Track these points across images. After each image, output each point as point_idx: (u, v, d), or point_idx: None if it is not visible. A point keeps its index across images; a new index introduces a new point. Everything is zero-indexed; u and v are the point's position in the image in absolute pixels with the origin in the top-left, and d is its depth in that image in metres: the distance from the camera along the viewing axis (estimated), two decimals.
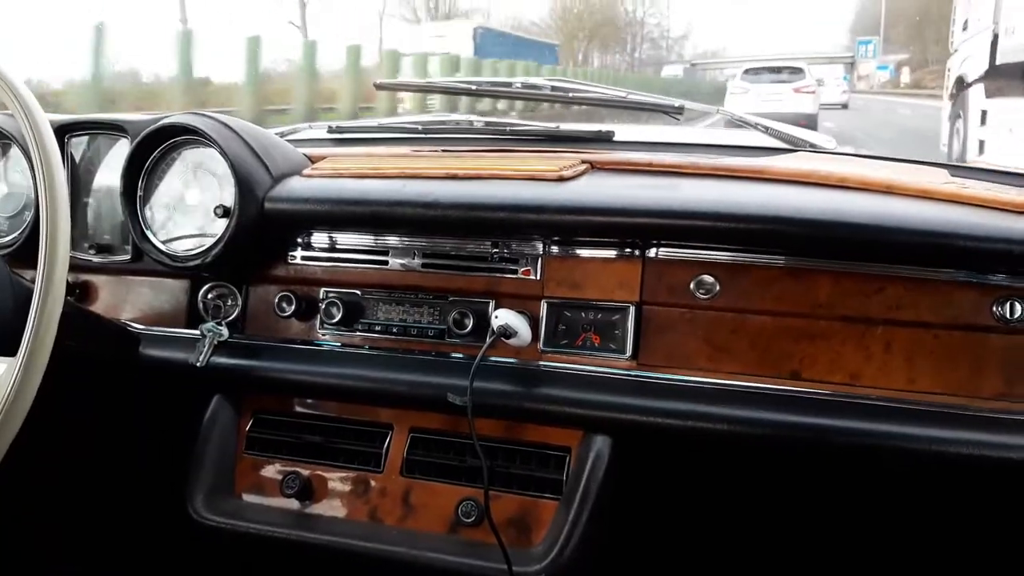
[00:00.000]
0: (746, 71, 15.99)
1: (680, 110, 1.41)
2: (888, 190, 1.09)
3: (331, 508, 1.18)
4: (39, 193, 0.90)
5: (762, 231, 1.02)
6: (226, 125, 1.20)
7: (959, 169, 1.24)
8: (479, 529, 1.10)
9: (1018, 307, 0.99)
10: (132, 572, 1.46)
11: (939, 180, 1.14)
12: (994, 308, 1.00)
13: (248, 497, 1.22)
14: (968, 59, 7.28)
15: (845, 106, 26.37)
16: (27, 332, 0.86)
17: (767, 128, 1.44)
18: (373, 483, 1.17)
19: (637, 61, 62.38)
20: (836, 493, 1.20)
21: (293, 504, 1.19)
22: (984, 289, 1.00)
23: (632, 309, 1.10)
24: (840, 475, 1.14)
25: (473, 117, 1.54)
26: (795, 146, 1.40)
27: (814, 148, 1.40)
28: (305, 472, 1.19)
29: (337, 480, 1.19)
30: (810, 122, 12.96)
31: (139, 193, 1.23)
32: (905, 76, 52.34)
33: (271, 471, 1.22)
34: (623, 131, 1.43)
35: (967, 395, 1.01)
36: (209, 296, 1.28)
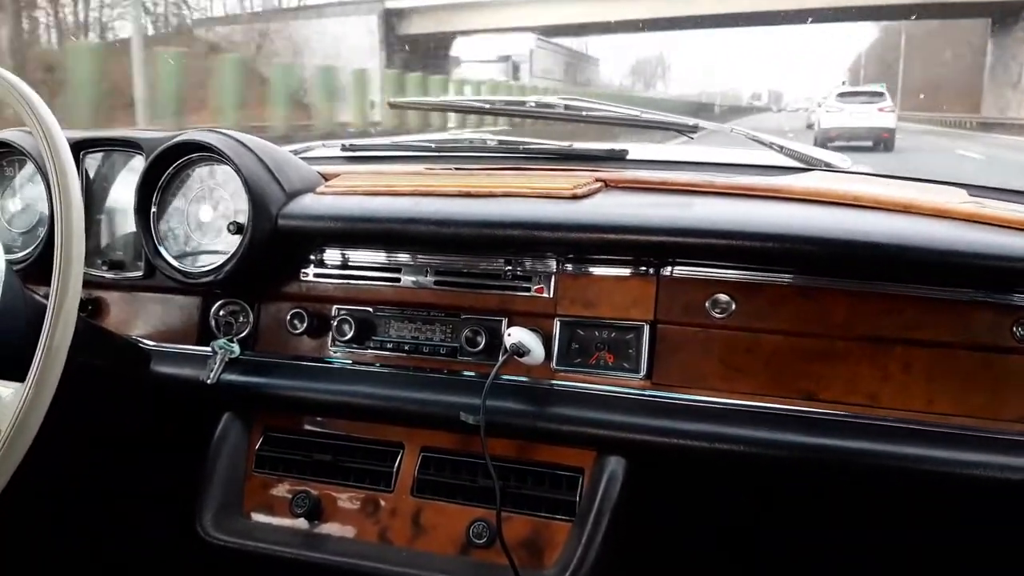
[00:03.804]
0: (839, 95, 18.79)
1: (695, 128, 1.41)
2: (905, 209, 1.08)
3: (341, 528, 1.17)
4: (54, 209, 0.90)
5: (777, 250, 1.01)
6: (240, 142, 1.21)
7: (977, 189, 1.23)
8: (491, 551, 1.09)
9: None
10: None
11: (956, 200, 1.13)
12: (1014, 329, 0.99)
13: (257, 516, 1.21)
14: None
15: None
16: (39, 350, 0.86)
17: (781, 147, 1.44)
18: (383, 503, 1.16)
19: None
20: (854, 516, 1.19)
21: (302, 524, 1.18)
22: (1004, 310, 0.99)
23: (646, 328, 1.09)
24: (858, 498, 1.12)
25: (486, 135, 1.54)
26: (810, 165, 1.39)
27: (829, 167, 1.39)
28: (315, 491, 1.18)
29: (347, 500, 1.18)
30: (891, 134, 16.75)
31: (153, 209, 1.23)
32: None
33: (281, 490, 1.21)
34: (637, 149, 1.42)
35: (986, 417, 0.99)
36: (221, 313, 1.28)
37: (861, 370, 1.03)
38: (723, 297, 1.07)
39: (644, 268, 1.10)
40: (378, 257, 1.21)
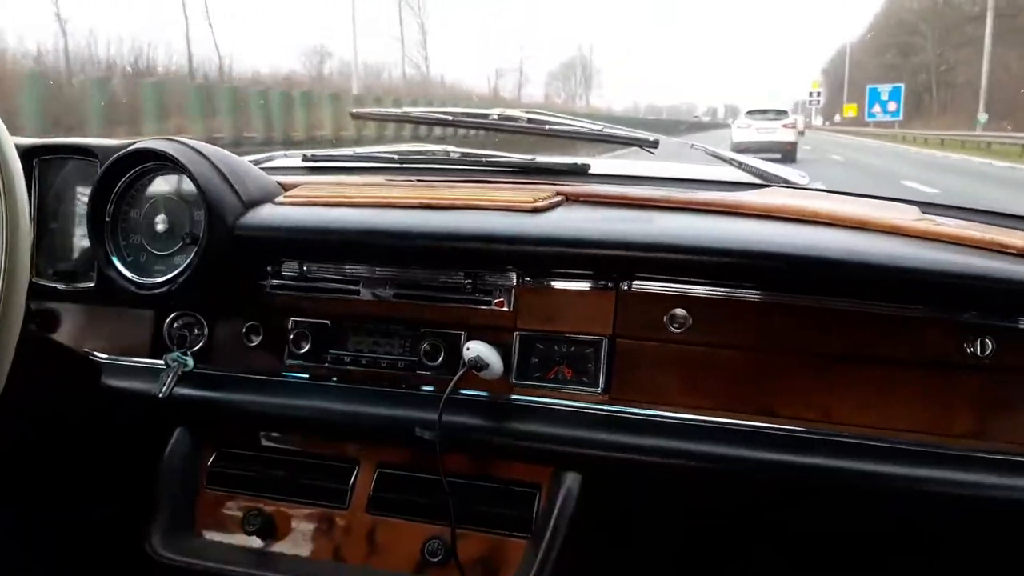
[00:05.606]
0: (748, 112, 20.61)
1: (655, 144, 1.42)
2: (860, 226, 1.09)
3: (294, 546, 1.15)
4: None
5: (735, 265, 1.02)
6: (197, 151, 1.19)
7: (930, 207, 1.26)
8: (445, 569, 1.08)
9: (989, 344, 0.99)
10: None
11: (911, 217, 1.15)
12: (965, 345, 1.00)
13: (208, 535, 1.18)
14: None
15: None
16: None
17: (741, 164, 1.45)
18: (338, 520, 1.14)
19: None
20: (808, 530, 1.19)
21: (255, 542, 1.15)
22: (955, 327, 1.01)
23: (605, 342, 1.09)
24: (812, 512, 1.13)
25: (449, 148, 1.53)
26: (768, 181, 1.41)
27: (787, 184, 1.41)
28: (268, 508, 1.16)
29: (301, 517, 1.16)
30: (793, 147, 18.86)
31: (107, 219, 1.20)
32: None
33: (233, 507, 1.18)
34: (599, 164, 1.43)
35: (939, 433, 1.00)
36: (175, 325, 1.26)
37: (817, 386, 1.04)
38: (681, 312, 1.07)
39: (604, 282, 1.10)
40: (337, 269, 1.19)
